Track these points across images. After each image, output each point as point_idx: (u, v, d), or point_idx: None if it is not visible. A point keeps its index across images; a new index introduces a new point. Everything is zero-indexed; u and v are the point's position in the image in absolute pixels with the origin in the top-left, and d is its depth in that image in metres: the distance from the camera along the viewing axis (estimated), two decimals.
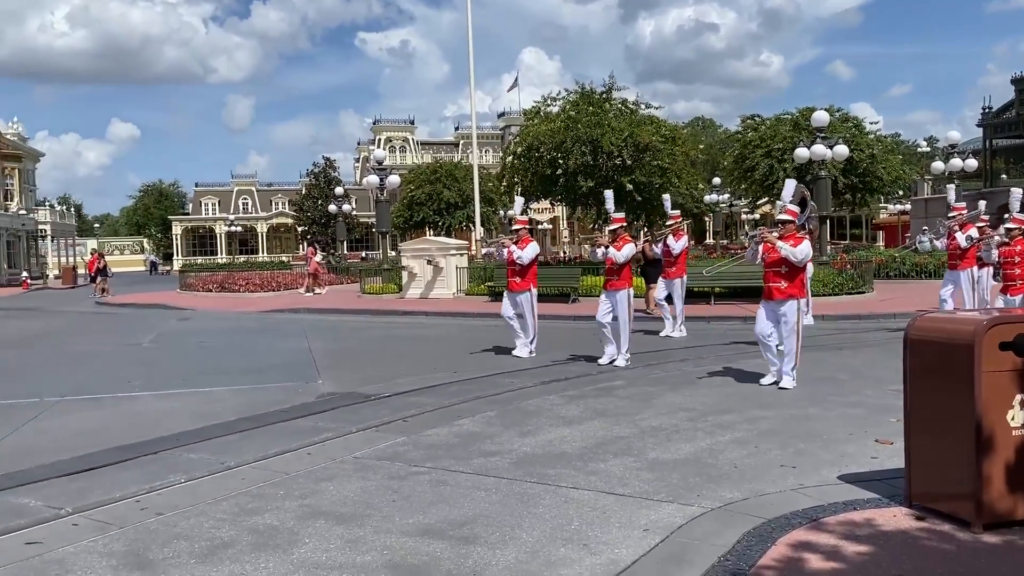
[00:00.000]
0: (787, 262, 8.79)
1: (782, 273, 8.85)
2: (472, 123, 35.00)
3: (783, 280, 8.88)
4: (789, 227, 8.97)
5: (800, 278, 9.04)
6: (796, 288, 8.98)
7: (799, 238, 8.89)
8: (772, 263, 8.96)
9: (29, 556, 4.52)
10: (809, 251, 8.88)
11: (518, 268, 12.17)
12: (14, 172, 60.81)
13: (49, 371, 12.21)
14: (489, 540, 4.58)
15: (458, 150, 77.70)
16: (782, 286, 8.88)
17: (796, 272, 8.92)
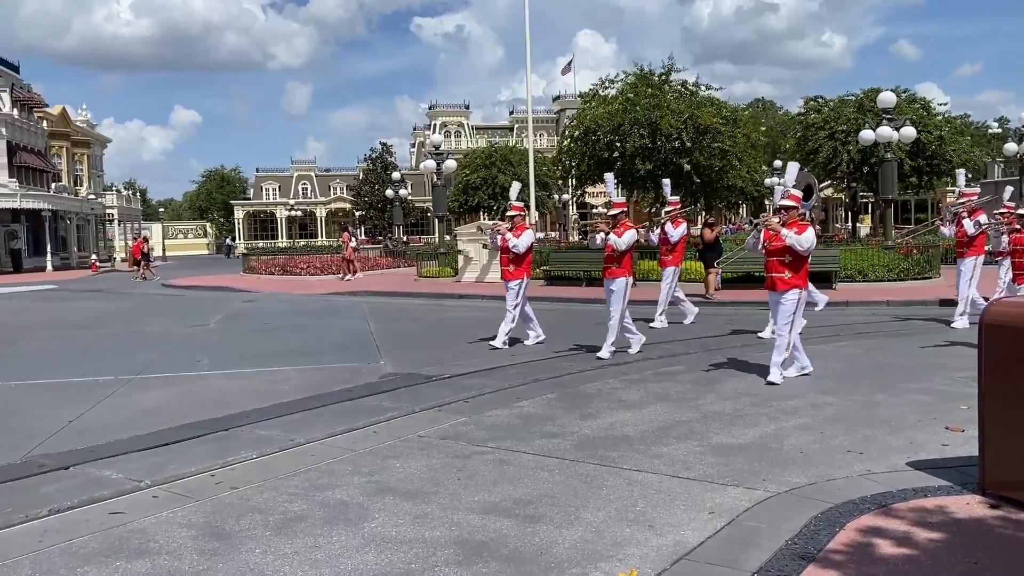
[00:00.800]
0: (791, 251, 8.38)
1: (786, 263, 8.45)
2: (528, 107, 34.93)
3: (787, 270, 8.46)
4: (792, 214, 8.55)
5: (804, 268, 8.61)
6: (800, 278, 8.54)
7: (803, 225, 8.50)
8: (775, 251, 8.56)
9: (113, 525, 4.72)
10: (814, 239, 8.43)
11: (513, 256, 11.62)
12: (83, 158, 62.71)
13: (121, 351, 12.63)
14: (554, 519, 4.64)
15: (513, 134, 77.69)
16: (786, 276, 8.47)
17: (800, 261, 8.50)
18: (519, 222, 11.73)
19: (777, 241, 8.45)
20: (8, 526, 4.74)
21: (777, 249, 8.51)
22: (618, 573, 3.85)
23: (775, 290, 8.56)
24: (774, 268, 8.58)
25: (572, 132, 32.05)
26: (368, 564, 4.08)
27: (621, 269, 10.46)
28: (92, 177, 64.26)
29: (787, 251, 8.39)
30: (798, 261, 8.46)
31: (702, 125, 27.78)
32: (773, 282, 8.58)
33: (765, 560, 3.94)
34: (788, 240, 8.31)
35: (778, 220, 8.54)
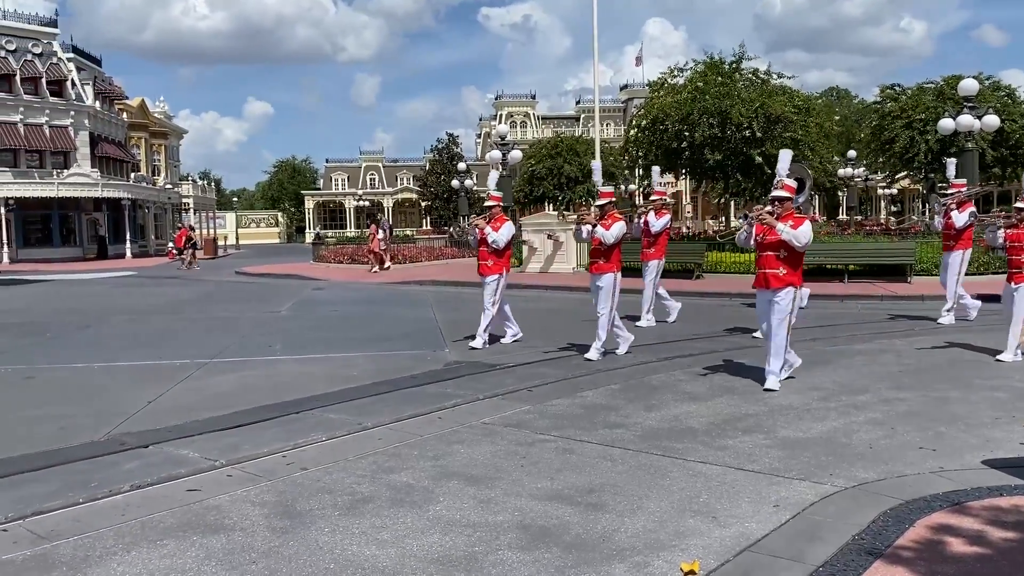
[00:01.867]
0: (786, 246, 7.70)
1: (781, 258, 7.76)
2: (594, 96, 34.69)
3: (782, 266, 7.76)
4: (787, 205, 7.82)
5: (800, 265, 7.94)
6: (796, 276, 7.85)
7: (800, 218, 7.80)
8: (769, 246, 7.84)
9: (190, 502, 4.91)
10: (811, 234, 7.76)
11: (491, 251, 10.86)
12: (161, 148, 64.76)
13: (197, 335, 13.05)
14: (617, 508, 4.66)
15: (579, 124, 77.35)
16: (780, 273, 7.76)
17: (797, 258, 7.83)
18: (497, 214, 11.01)
19: (771, 235, 7.75)
20: (93, 499, 4.97)
21: (771, 244, 7.81)
22: (680, 563, 3.85)
23: (768, 288, 7.84)
24: (768, 264, 7.86)
25: (639, 121, 31.75)
26: (433, 545, 4.17)
27: (609, 264, 9.70)
28: (169, 167, 66.31)
29: (782, 246, 7.72)
30: (794, 257, 7.81)
31: (773, 114, 27.24)
32: (766, 279, 7.85)
33: (831, 554, 3.90)
34: (783, 235, 7.62)
35: (771, 212, 7.82)
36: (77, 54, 51.17)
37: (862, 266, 18.81)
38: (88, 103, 49.33)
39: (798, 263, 7.87)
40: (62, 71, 47.90)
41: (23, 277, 30.26)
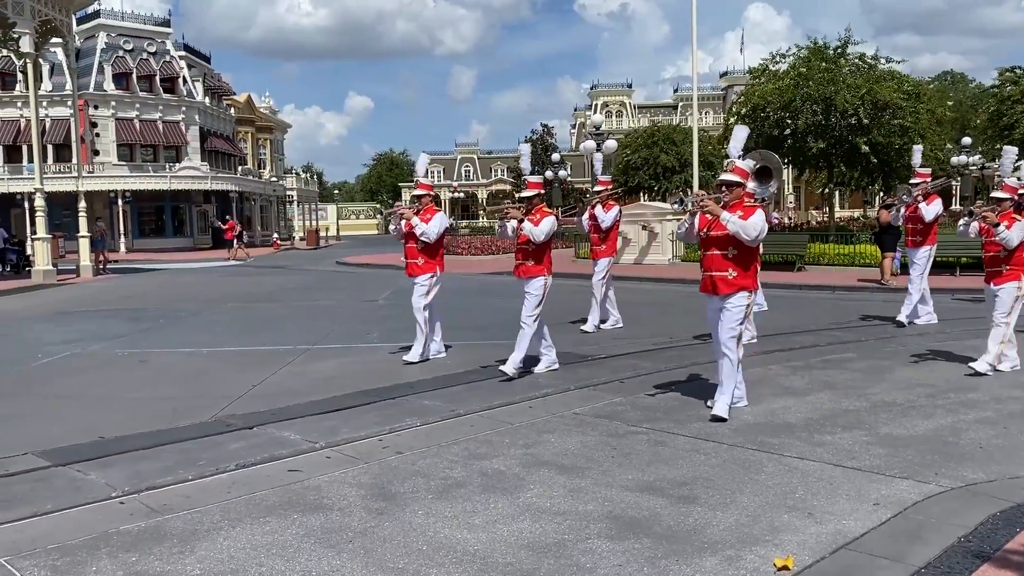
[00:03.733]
0: (736, 241, 6.31)
1: (729, 257, 6.39)
2: (693, 84, 34.03)
3: (731, 266, 6.39)
4: (737, 192, 6.43)
5: (754, 264, 6.62)
6: (749, 277, 6.48)
7: (750, 208, 6.34)
8: (715, 241, 6.45)
9: (291, 482, 5.11)
10: (765, 225, 6.32)
11: (421, 247, 9.28)
12: (266, 142, 67.08)
13: (299, 322, 13.49)
14: (709, 501, 4.60)
15: (676, 112, 76.09)
16: (729, 275, 6.38)
17: (749, 255, 6.44)
18: (427, 203, 9.47)
19: (718, 228, 6.34)
20: (201, 477, 5.23)
21: (718, 239, 6.42)
22: (774, 558, 3.78)
23: (715, 293, 6.49)
24: (714, 264, 6.48)
25: (739, 109, 31.07)
26: (523, 532, 4.22)
27: (539, 266, 8.23)
28: (274, 160, 68.66)
29: (731, 242, 6.34)
30: (745, 255, 6.40)
31: (881, 101, 26.20)
32: (712, 283, 6.48)
33: (934, 556, 3.75)
34: (730, 226, 6.23)
35: (717, 199, 6.45)
36: (188, 52, 53.51)
37: (976, 259, 17.90)
38: (198, 99, 51.53)
39: (751, 262, 6.48)
40: (174, 69, 50.17)
41: (138, 266, 31.93)
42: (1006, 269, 7.98)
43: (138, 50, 49.12)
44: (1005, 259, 7.98)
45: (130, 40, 49.13)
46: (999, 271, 8.04)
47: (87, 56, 46.81)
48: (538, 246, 8.17)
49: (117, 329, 12.74)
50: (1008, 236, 7.81)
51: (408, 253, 9.44)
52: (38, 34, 24.14)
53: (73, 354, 10.31)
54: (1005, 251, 7.93)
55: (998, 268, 8.06)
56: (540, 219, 8.13)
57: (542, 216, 8.19)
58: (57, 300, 18.16)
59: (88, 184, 33.06)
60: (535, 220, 8.12)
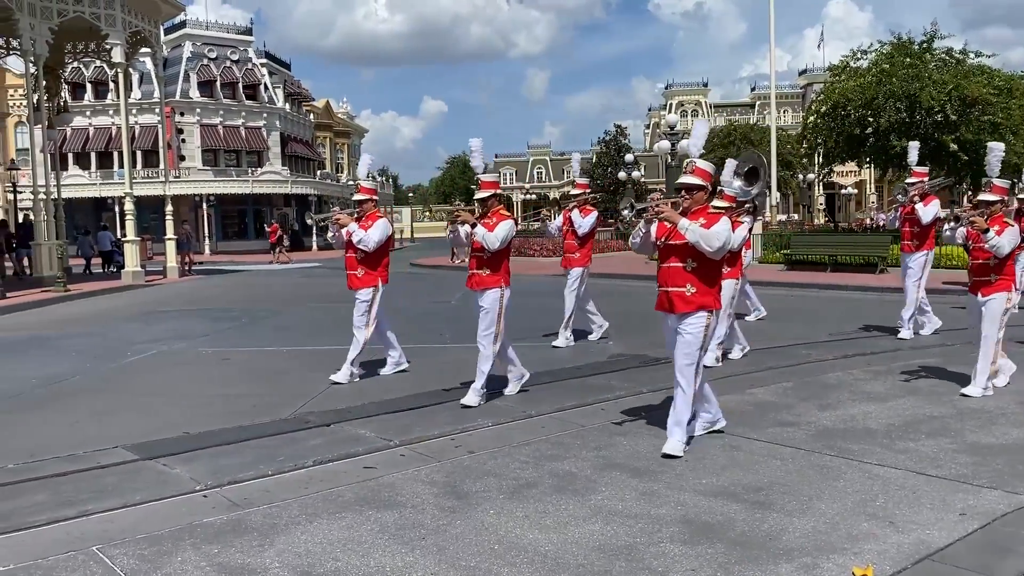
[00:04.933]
0: (696, 253, 5.45)
1: (689, 270, 5.53)
2: (771, 82, 33.36)
3: (690, 281, 5.52)
4: (698, 196, 5.61)
5: (719, 280, 5.76)
6: (710, 295, 5.59)
7: (714, 215, 5.54)
8: (673, 252, 5.60)
9: (366, 478, 5.21)
10: (729, 235, 5.48)
11: (362, 256, 8.48)
12: (344, 147, 68.44)
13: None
14: (785, 507, 4.51)
15: (753, 112, 74.72)
16: (687, 291, 5.52)
17: (711, 269, 5.56)
18: (369, 209, 8.53)
19: (676, 237, 5.49)
20: (281, 472, 5.37)
21: (677, 249, 5.56)
22: (853, 567, 3.68)
23: (672, 312, 5.63)
24: (670, 278, 5.61)
25: (819, 107, 30.35)
26: (594, 534, 4.21)
27: (495, 276, 7.30)
28: (351, 165, 69.94)
29: (691, 253, 5.49)
30: (708, 268, 5.55)
31: (969, 97, 25.22)
32: (669, 300, 5.63)
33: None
34: (689, 236, 5.37)
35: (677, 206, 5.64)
36: (269, 59, 55.02)
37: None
38: (279, 105, 52.91)
39: (714, 277, 5.62)
40: (256, 76, 51.64)
41: (221, 267, 32.97)
42: (995, 279, 7.15)
43: (221, 58, 50.73)
44: (995, 268, 7.15)
45: (214, 49, 50.79)
46: (987, 280, 7.18)
47: (174, 65, 48.56)
48: (494, 254, 7.24)
49: (201, 328, 13.18)
50: (999, 243, 6.95)
51: (347, 263, 8.60)
52: (128, 45, 25.20)
53: (160, 352, 10.72)
54: (995, 259, 7.11)
55: (986, 277, 7.19)
56: (496, 223, 7.23)
57: (499, 220, 7.28)
58: (145, 300, 18.90)
59: (174, 188, 34.31)
60: (490, 224, 7.22)
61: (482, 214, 7.36)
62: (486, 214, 7.35)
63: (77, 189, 44.91)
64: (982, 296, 7.20)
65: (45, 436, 6.51)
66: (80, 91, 48.86)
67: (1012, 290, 7.24)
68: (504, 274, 7.38)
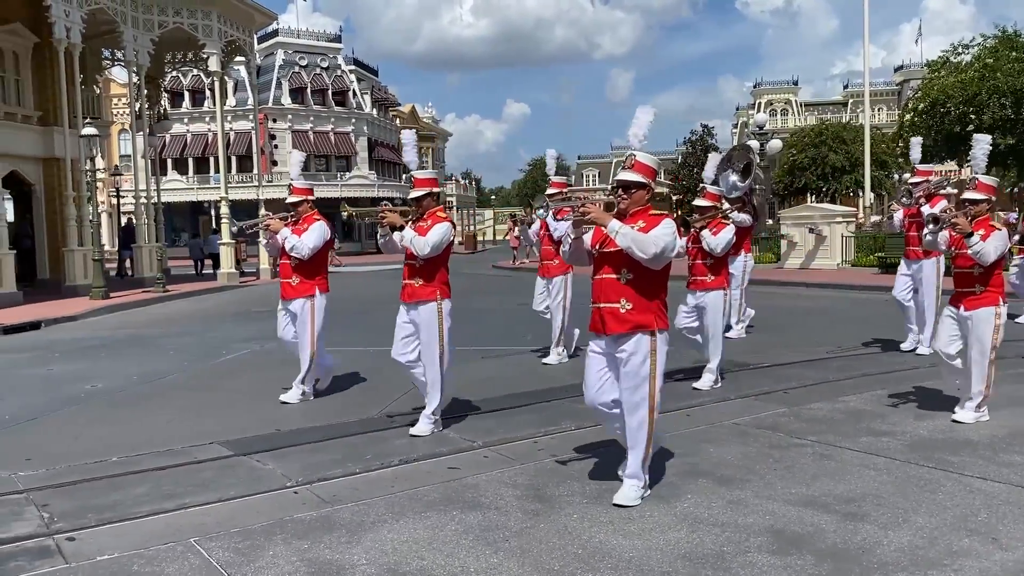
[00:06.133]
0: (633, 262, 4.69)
1: (624, 282, 4.76)
2: (864, 79, 32.30)
3: (625, 295, 4.75)
4: (638, 195, 4.86)
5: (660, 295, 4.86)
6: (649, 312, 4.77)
7: (656, 216, 4.79)
8: (608, 261, 4.85)
9: (450, 479, 5.27)
10: (672, 241, 4.67)
11: (296, 263, 7.68)
12: (428, 151, 69.39)
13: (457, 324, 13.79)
14: (879, 520, 4.35)
15: (846, 110, 72.44)
16: (621, 308, 4.74)
17: (650, 281, 4.79)
18: (306, 211, 7.80)
19: (611, 244, 4.75)
20: (368, 471, 5.49)
21: (611, 258, 4.81)
22: None
23: (605, 333, 4.85)
24: (604, 292, 4.85)
25: (916, 105, 29.29)
26: (679, 541, 4.15)
27: (430, 287, 6.46)
28: (435, 168, 70.90)
29: (626, 262, 4.72)
30: (646, 281, 4.75)
31: None
32: (601, 318, 4.85)
33: None
34: (620, 240, 4.64)
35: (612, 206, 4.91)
36: (358, 66, 56.23)
37: None
38: (367, 111, 54.05)
39: (654, 291, 4.79)
40: (345, 82, 52.86)
41: None
42: (981, 290, 6.32)
43: (312, 65, 52.11)
44: (980, 277, 6.32)
45: (305, 56, 52.22)
46: (972, 292, 6.36)
47: (267, 72, 50.13)
48: (428, 262, 6.37)
49: None
50: (984, 249, 6.14)
51: (281, 271, 7.86)
52: (224, 54, 26.17)
53: (253, 351, 11.08)
54: (980, 267, 6.29)
55: (971, 288, 6.37)
56: (430, 226, 6.32)
57: (434, 223, 6.34)
58: (239, 301, 19.57)
59: (267, 192, 35.38)
60: (422, 228, 6.31)
61: (418, 216, 6.47)
62: (421, 216, 6.46)
63: (175, 193, 46.80)
64: (965, 310, 6.37)
65: (145, 431, 6.81)
66: (178, 99, 50.92)
67: (1000, 303, 6.35)
68: (441, 284, 6.49)
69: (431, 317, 6.46)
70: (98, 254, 19.67)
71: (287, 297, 7.80)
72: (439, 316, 6.50)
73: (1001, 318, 6.33)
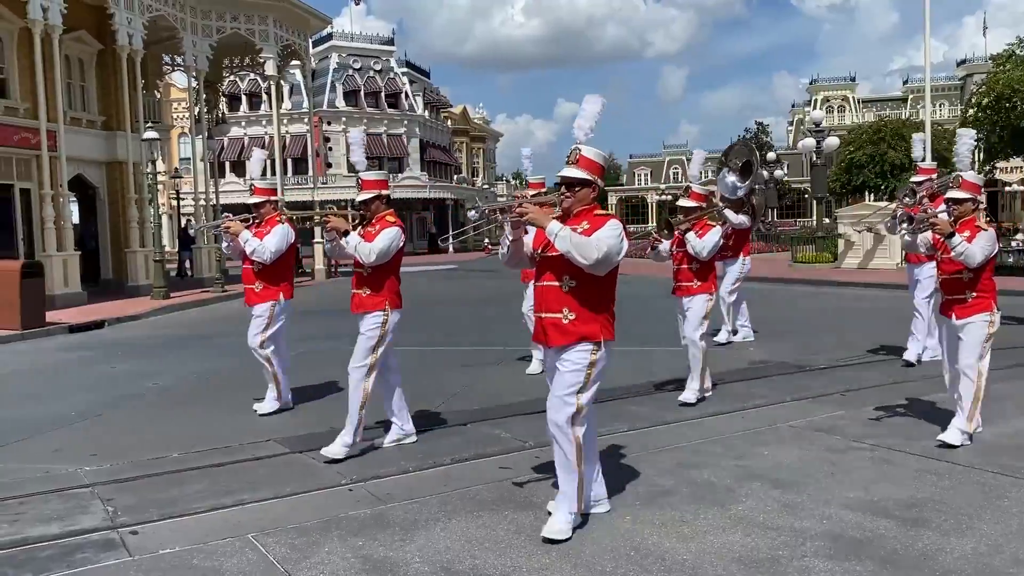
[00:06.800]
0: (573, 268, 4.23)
1: (567, 290, 4.32)
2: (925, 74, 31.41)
3: (568, 305, 4.31)
4: (583, 194, 4.38)
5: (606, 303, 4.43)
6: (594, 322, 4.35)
7: (600, 217, 4.33)
8: (549, 266, 4.40)
9: (502, 479, 5.28)
10: (616, 244, 4.20)
11: (258, 268, 7.30)
12: (479, 151, 69.70)
13: (510, 324, 13.86)
14: (942, 527, 4.24)
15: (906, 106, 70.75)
16: (564, 319, 4.31)
17: (593, 289, 4.33)
18: (269, 213, 7.35)
19: (554, 248, 4.28)
20: (421, 469, 5.53)
21: (553, 264, 4.37)
22: None
23: (548, 345, 4.45)
24: (546, 301, 4.42)
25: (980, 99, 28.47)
26: (734, 544, 4.10)
27: (377, 296, 6.01)
28: (486, 168, 71.20)
29: (567, 268, 4.28)
30: (589, 288, 4.32)
31: None
32: (543, 329, 4.43)
33: None
34: (560, 244, 4.20)
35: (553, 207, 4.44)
36: (410, 68, 56.79)
37: None
38: (419, 113, 54.54)
39: (597, 298, 4.36)
40: (398, 85, 53.43)
41: None
42: (971, 297, 5.76)
43: (365, 68, 52.76)
44: (970, 283, 5.76)
45: (358, 59, 52.89)
46: (962, 299, 5.79)
47: (321, 76, 50.89)
48: (376, 270, 5.95)
49: (346, 328, 13.68)
50: (969, 252, 5.57)
51: (244, 276, 7.50)
52: (280, 58, 26.63)
53: (309, 351, 11.24)
54: (968, 272, 5.74)
55: (960, 295, 5.80)
56: (378, 231, 5.90)
57: (382, 227, 5.90)
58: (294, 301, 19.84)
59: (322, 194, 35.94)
60: (369, 234, 5.91)
61: (365, 220, 6.04)
62: (369, 221, 6.02)
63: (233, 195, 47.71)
64: (956, 319, 5.80)
65: (204, 427, 6.97)
66: (236, 103, 52.00)
67: (993, 308, 5.79)
68: (389, 294, 6.04)
69: (373, 328, 5.96)
70: (159, 255, 20.18)
71: (250, 303, 7.46)
72: (383, 328, 5.98)
73: (994, 325, 5.79)
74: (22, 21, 18.43)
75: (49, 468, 5.80)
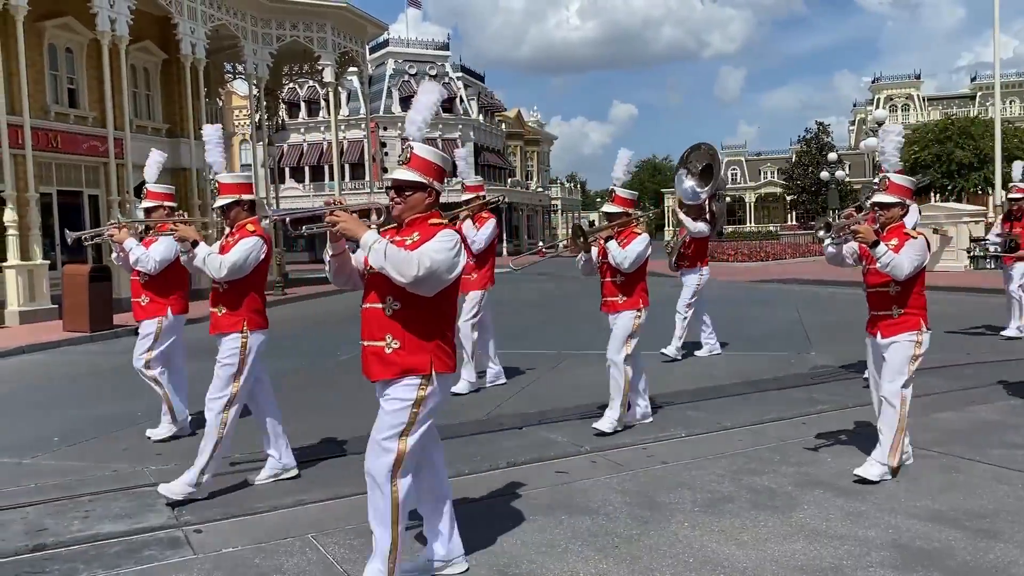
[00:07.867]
0: (396, 288, 3.58)
1: (388, 314, 3.67)
2: (994, 70, 30.53)
3: (390, 331, 3.66)
4: (414, 200, 3.77)
5: (440, 328, 3.74)
6: (420, 352, 3.67)
7: (433, 227, 3.68)
8: (371, 286, 3.78)
9: (558, 483, 5.27)
10: (450, 259, 3.55)
11: (145, 280, 6.72)
12: (534, 155, 69.72)
13: (563, 328, 13.86)
14: (1015, 538, 4.10)
15: (974, 103, 68.67)
16: (387, 348, 3.67)
17: (418, 312, 3.65)
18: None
19: None
20: (477, 472, 5.54)
21: (374, 280, 3.79)
22: None
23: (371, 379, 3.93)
24: (368, 328, 3.80)
25: None
26: (795, 553, 4.02)
27: (233, 316, 5.35)
28: (540, 172, 71.19)
29: (391, 288, 3.65)
30: (418, 312, 3.68)
31: None
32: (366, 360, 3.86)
33: None
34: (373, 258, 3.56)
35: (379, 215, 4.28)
36: (465, 73, 57.15)
37: None
38: (473, 117, 54.81)
39: (431, 322, 3.70)
40: (452, 90, 53.78)
41: None
42: (899, 313, 5.19)
43: (421, 74, 53.22)
44: (897, 297, 5.19)
45: (414, 65, 53.42)
46: (888, 315, 5.22)
47: (378, 82, 51.54)
48: (233, 285, 5.27)
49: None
50: (896, 262, 5.01)
51: (132, 289, 6.89)
52: (338, 65, 27.03)
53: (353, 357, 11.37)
54: (896, 285, 5.17)
55: (887, 311, 5.22)
56: (236, 240, 5.27)
57: (241, 236, 5.28)
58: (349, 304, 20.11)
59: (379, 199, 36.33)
60: (227, 245, 5.30)
61: (229, 229, 5.45)
62: (231, 231, 5.40)
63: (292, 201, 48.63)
64: (881, 338, 5.24)
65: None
66: (295, 110, 52.94)
67: (922, 327, 5.20)
68: (249, 313, 5.31)
69: (231, 354, 5.24)
70: None
71: (137, 319, 6.92)
72: (242, 352, 5.24)
73: (922, 347, 5.19)
74: (91, 33, 19.12)
75: (117, 467, 5.97)
